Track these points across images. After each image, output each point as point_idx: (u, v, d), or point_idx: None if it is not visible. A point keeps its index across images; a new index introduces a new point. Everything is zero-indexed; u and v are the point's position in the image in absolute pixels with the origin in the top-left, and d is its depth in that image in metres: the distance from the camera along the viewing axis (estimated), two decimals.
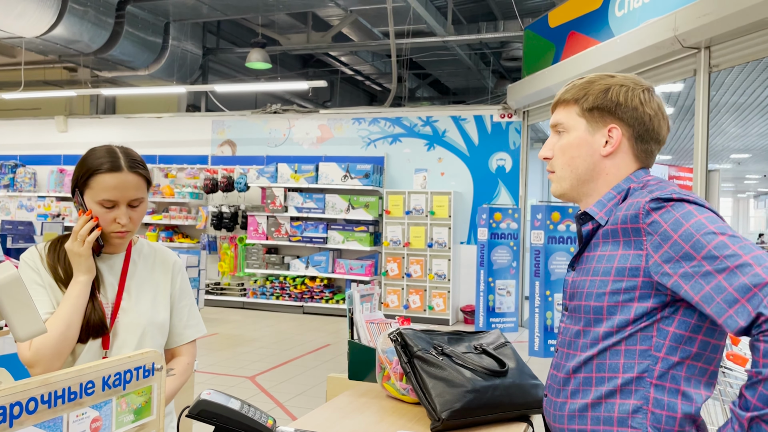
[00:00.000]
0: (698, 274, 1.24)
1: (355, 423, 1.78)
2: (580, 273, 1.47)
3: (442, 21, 10.02)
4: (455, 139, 10.06)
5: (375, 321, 2.33)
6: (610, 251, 1.39)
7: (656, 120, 1.45)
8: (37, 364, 1.67)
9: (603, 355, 1.38)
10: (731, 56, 5.50)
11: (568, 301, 1.50)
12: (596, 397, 1.38)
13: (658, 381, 1.33)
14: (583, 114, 1.49)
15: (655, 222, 1.31)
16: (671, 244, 1.28)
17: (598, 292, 1.39)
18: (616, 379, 1.36)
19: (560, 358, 1.50)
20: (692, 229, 1.26)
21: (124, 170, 1.75)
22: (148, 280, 1.91)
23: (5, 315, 1.08)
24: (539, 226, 7.63)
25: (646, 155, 1.48)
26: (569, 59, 7.38)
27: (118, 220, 1.75)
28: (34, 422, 0.93)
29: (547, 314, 7.44)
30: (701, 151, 5.82)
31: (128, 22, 9.88)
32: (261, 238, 10.42)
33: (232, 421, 1.30)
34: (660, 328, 1.33)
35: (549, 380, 1.54)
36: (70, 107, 14.01)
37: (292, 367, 6.71)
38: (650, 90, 1.47)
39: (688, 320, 1.32)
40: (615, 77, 1.49)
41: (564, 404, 1.44)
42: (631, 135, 1.45)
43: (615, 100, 1.45)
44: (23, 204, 12.11)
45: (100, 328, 1.77)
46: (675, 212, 1.29)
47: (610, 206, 1.44)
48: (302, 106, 13.10)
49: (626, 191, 1.44)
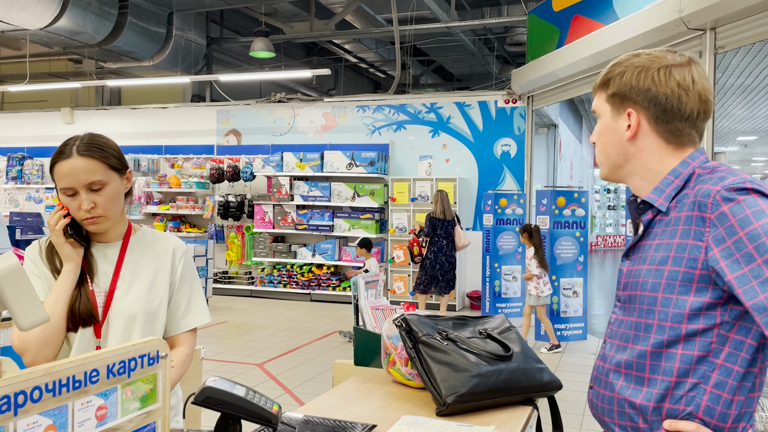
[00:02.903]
0: (756, 279, 1.18)
1: (361, 408, 1.79)
2: (636, 262, 1.41)
3: (445, 7, 9.97)
4: (460, 126, 10.03)
5: (380, 307, 2.34)
6: (668, 239, 1.34)
7: (674, 98, 1.37)
8: (25, 351, 1.70)
9: (658, 355, 1.33)
10: (737, 37, 5.46)
11: (621, 291, 1.45)
12: (646, 399, 1.34)
13: (713, 389, 1.28)
14: (607, 100, 1.47)
15: (723, 214, 1.24)
16: (735, 241, 1.21)
17: (653, 282, 1.34)
18: (668, 383, 1.31)
19: (608, 349, 1.45)
20: (761, 229, 1.19)
21: (73, 156, 1.73)
22: (146, 268, 1.89)
23: (7, 304, 1.09)
24: (544, 211, 7.61)
25: (674, 135, 1.40)
26: (574, 43, 7.34)
27: (82, 206, 1.75)
28: (38, 411, 0.94)
29: (553, 299, 7.44)
30: (707, 134, 5.78)
31: (132, 13, 9.87)
32: (268, 227, 10.44)
33: (238, 407, 1.31)
34: (720, 333, 1.28)
35: (595, 371, 1.49)
36: (76, 99, 14.03)
37: (299, 354, 6.74)
38: (670, 67, 1.39)
39: (749, 326, 1.27)
40: (639, 56, 1.44)
41: (612, 398, 1.40)
42: (649, 117, 1.40)
43: (629, 84, 1.41)
44: (31, 196, 12.17)
45: (88, 317, 1.78)
46: (746, 208, 1.22)
47: (669, 191, 1.38)
48: (306, 94, 13.08)
49: (688, 176, 1.37)
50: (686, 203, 1.33)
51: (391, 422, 1.67)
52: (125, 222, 1.92)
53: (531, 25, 8.89)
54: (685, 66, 1.40)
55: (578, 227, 7.66)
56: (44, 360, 1.72)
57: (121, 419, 1.10)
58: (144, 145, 11.69)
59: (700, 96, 1.39)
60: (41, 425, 0.94)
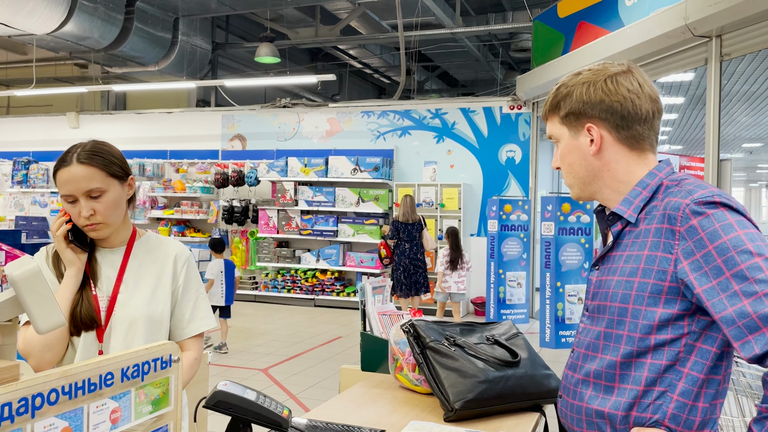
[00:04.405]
0: (725, 292, 1.20)
1: (369, 413, 1.80)
2: (605, 272, 1.43)
3: (450, 13, 9.99)
4: (465, 131, 10.04)
5: (387, 313, 2.35)
6: (637, 251, 1.36)
7: (629, 103, 1.39)
8: (28, 355, 1.73)
9: (627, 365, 1.34)
10: (743, 44, 5.46)
11: (590, 301, 1.46)
12: (614, 407, 1.35)
13: (679, 397, 1.30)
14: (562, 122, 1.48)
15: (692, 228, 1.26)
16: (704, 254, 1.23)
17: (623, 293, 1.35)
18: (636, 391, 1.33)
19: (577, 358, 1.46)
20: (729, 243, 1.21)
21: (73, 163, 1.75)
22: (149, 274, 1.89)
23: (26, 307, 1.10)
24: (549, 217, 7.61)
25: (635, 140, 1.42)
26: (579, 49, 7.35)
27: (81, 213, 1.76)
28: (55, 413, 0.95)
29: (558, 305, 7.44)
30: (713, 141, 5.79)
31: (138, 18, 9.92)
32: (272, 232, 10.46)
33: (249, 411, 1.32)
34: (687, 343, 1.30)
35: (564, 381, 1.51)
36: (82, 103, 14.09)
37: (304, 360, 6.74)
38: (615, 76, 1.42)
39: (715, 335, 1.29)
40: (580, 74, 1.46)
41: (581, 408, 1.42)
42: (609, 127, 1.42)
43: (581, 100, 1.43)
44: (36, 200, 12.21)
45: (90, 322, 1.79)
46: (715, 222, 1.24)
47: (637, 203, 1.40)
48: (311, 99, 13.11)
49: (656, 187, 1.39)
50: (656, 215, 1.35)
51: (399, 427, 1.67)
52: (129, 227, 1.92)
53: (536, 31, 8.91)
54: (627, 73, 1.44)
55: (583, 234, 7.66)
56: (48, 363, 1.75)
57: (134, 422, 1.10)
58: (149, 149, 11.72)
59: (650, 96, 1.42)
60: (57, 427, 0.95)
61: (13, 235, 6.28)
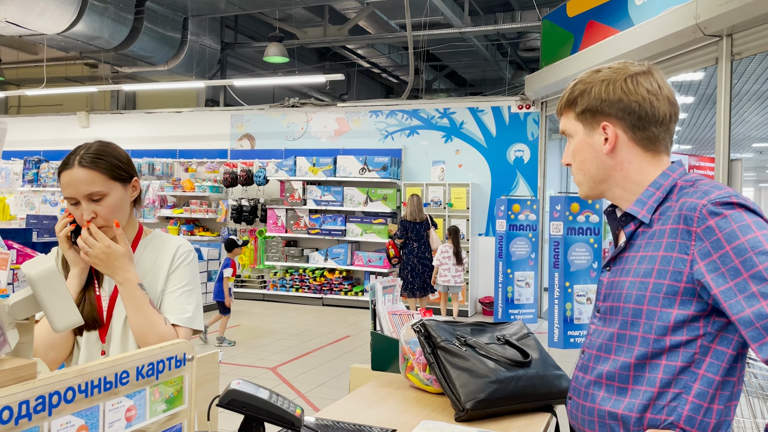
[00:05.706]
0: (742, 293, 1.19)
1: (380, 413, 1.80)
2: (618, 273, 1.41)
3: (458, 12, 9.98)
4: (473, 131, 10.03)
5: (397, 312, 2.35)
6: (652, 252, 1.34)
7: (647, 104, 1.38)
8: (33, 354, 1.73)
9: (641, 366, 1.33)
10: (754, 44, 5.43)
11: (602, 302, 1.44)
12: (628, 409, 1.34)
13: (694, 399, 1.29)
14: (577, 118, 1.47)
15: (709, 228, 1.24)
16: (721, 255, 1.22)
17: (638, 294, 1.33)
18: (651, 393, 1.32)
19: (588, 360, 1.45)
20: (747, 244, 1.20)
21: (75, 166, 1.75)
22: (150, 271, 1.89)
23: (43, 306, 1.11)
24: (558, 217, 7.59)
25: (651, 141, 1.41)
26: (588, 49, 7.33)
27: (83, 216, 1.77)
28: (71, 411, 0.96)
29: (567, 305, 7.42)
30: (723, 141, 5.76)
31: (147, 18, 9.96)
32: (280, 231, 10.48)
33: (262, 410, 1.32)
34: (703, 344, 1.29)
35: (574, 382, 1.49)
36: (92, 103, 14.16)
37: (312, 359, 6.76)
38: (635, 75, 1.41)
39: (731, 336, 1.28)
40: (600, 72, 1.45)
41: (593, 409, 1.40)
42: (625, 127, 1.41)
43: (598, 98, 1.42)
44: (47, 199, 12.28)
45: (92, 321, 1.80)
46: (733, 222, 1.23)
47: (651, 203, 1.38)
48: (320, 99, 13.12)
49: (670, 188, 1.38)
50: (671, 216, 1.33)
51: (410, 427, 1.67)
52: (135, 227, 1.92)
53: (545, 30, 8.88)
54: (648, 74, 1.42)
55: (592, 233, 7.63)
56: (52, 363, 1.76)
57: (149, 420, 1.11)
58: (158, 149, 11.77)
59: (668, 99, 1.41)
60: (74, 425, 0.96)
61: (24, 234, 6.33)
